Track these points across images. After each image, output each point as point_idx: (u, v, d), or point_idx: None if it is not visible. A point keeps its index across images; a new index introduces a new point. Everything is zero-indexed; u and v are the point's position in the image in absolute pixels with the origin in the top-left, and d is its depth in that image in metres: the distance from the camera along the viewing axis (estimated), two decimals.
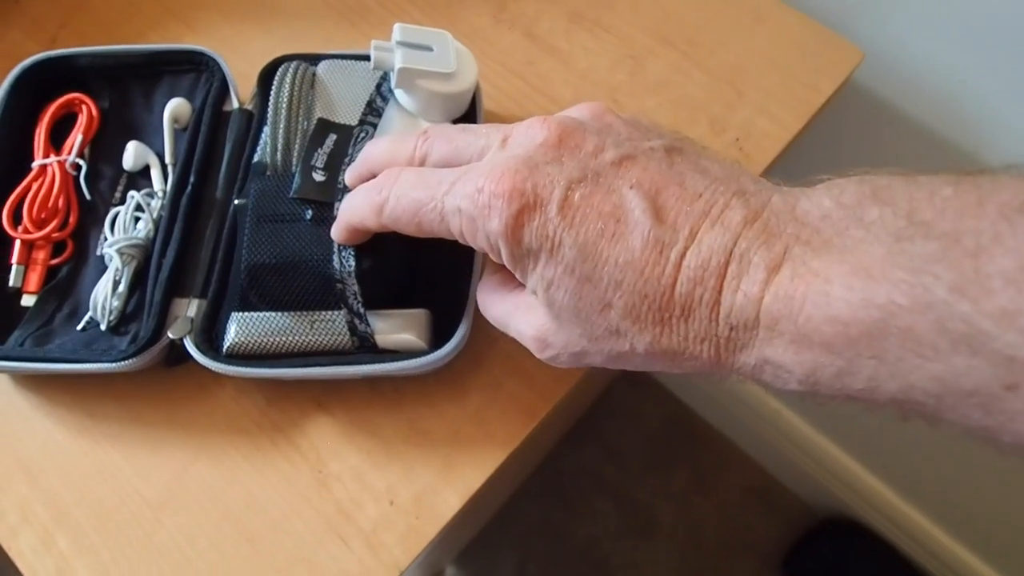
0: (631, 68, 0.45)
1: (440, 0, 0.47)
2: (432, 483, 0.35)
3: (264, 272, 0.32)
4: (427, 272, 0.36)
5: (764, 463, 1.12)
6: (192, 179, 0.37)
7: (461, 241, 0.26)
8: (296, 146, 0.36)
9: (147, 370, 0.35)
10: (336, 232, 0.31)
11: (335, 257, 0.32)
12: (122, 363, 0.33)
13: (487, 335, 0.37)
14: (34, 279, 0.38)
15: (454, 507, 0.34)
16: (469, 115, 0.39)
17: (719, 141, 0.43)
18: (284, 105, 0.37)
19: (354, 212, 0.29)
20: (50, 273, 0.38)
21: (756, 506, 1.11)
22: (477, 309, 0.34)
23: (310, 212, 0.33)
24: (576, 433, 1.12)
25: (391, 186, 0.27)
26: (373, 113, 0.37)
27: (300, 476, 0.35)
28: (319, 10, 0.47)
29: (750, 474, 1.12)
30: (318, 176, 0.33)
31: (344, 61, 0.40)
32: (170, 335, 0.33)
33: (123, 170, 0.40)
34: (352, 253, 0.32)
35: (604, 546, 1.08)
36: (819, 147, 0.55)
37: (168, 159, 0.40)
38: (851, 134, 0.55)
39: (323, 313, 0.33)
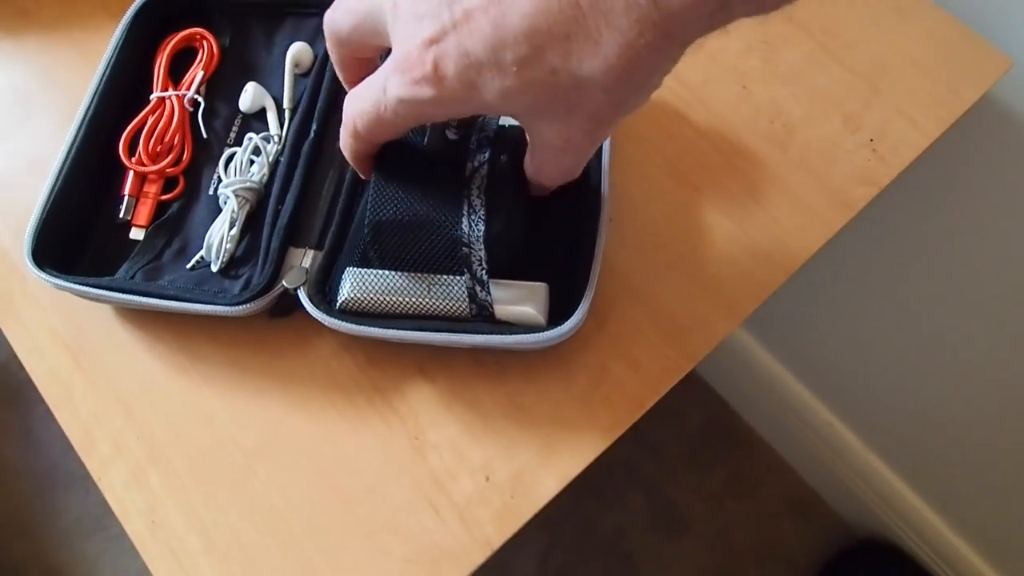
0: (764, 54, 0.42)
1: None
2: (530, 463, 0.34)
3: (388, 229, 0.31)
4: (544, 245, 0.35)
5: (806, 475, 1.09)
6: (314, 127, 0.36)
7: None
8: None
9: (250, 317, 0.34)
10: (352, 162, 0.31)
11: (464, 220, 0.31)
12: (236, 307, 0.32)
13: (596, 316, 0.36)
14: (144, 212, 0.37)
15: (552, 490, 0.33)
16: None
17: (852, 140, 0.40)
18: None
19: (343, 144, 0.30)
20: (159, 208, 0.38)
21: (792, 517, 1.09)
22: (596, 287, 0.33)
23: (440, 171, 0.32)
24: None
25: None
26: None
27: (396, 441, 0.34)
28: None
29: (790, 484, 1.10)
30: (451, 135, 0.32)
31: None
32: (285, 284, 0.33)
33: (239, 111, 0.39)
34: (483, 218, 0.30)
35: (631, 538, 1.08)
36: (950, 158, 0.53)
37: (287, 103, 0.39)
38: (983, 148, 0.52)
39: (443, 277, 0.32)
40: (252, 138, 0.37)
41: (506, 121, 0.34)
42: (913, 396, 0.80)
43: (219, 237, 0.34)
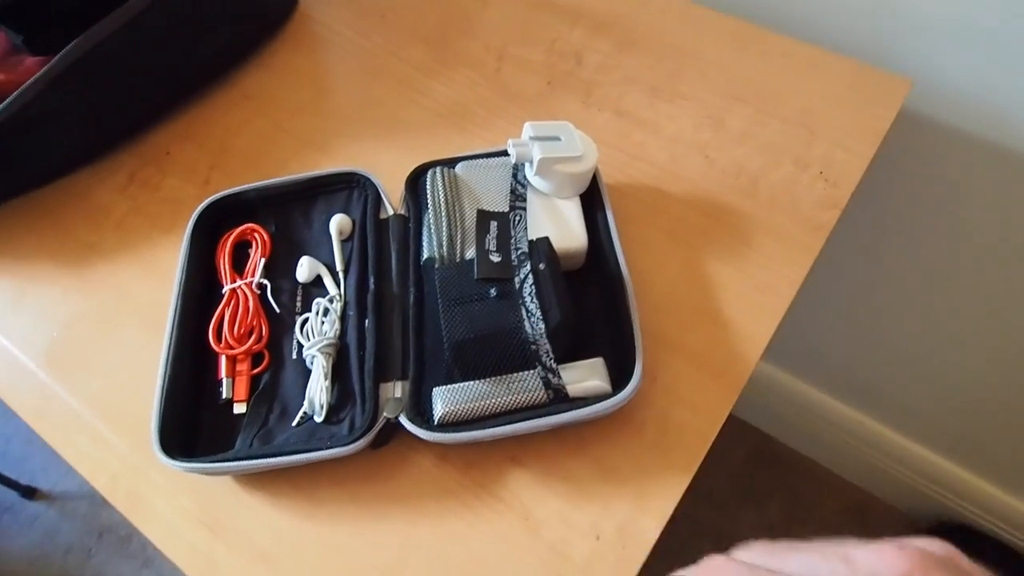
0: (713, 126, 0.51)
1: (532, 95, 0.54)
2: (630, 514, 0.38)
3: (466, 346, 0.37)
4: (589, 328, 0.41)
5: (856, 479, 1.13)
6: (372, 279, 0.43)
7: None
8: (458, 238, 0.42)
9: (357, 453, 0.40)
10: None
11: (526, 323, 0.37)
12: (351, 446, 0.37)
13: (647, 374, 0.42)
14: (242, 388, 0.43)
15: (654, 532, 0.38)
16: (592, 188, 0.45)
17: (806, 175, 0.48)
18: (442, 205, 0.43)
19: None
20: (253, 382, 0.43)
21: (857, 525, 1.11)
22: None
23: (494, 290, 0.38)
24: None
25: None
26: (519, 199, 0.43)
27: (510, 526, 0.39)
28: (432, 121, 0.53)
29: (845, 493, 1.13)
30: (494, 258, 0.39)
31: (475, 160, 0.46)
32: (386, 415, 0.38)
33: (298, 282, 0.46)
34: (541, 318, 0.37)
35: None
36: (890, 169, 0.61)
37: (339, 266, 0.45)
38: (915, 154, 0.61)
39: (519, 374, 0.37)
40: (319, 302, 0.44)
41: (532, 235, 0.41)
42: (923, 373, 0.86)
43: (318, 391, 0.40)
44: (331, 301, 0.44)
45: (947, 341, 0.79)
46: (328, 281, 0.45)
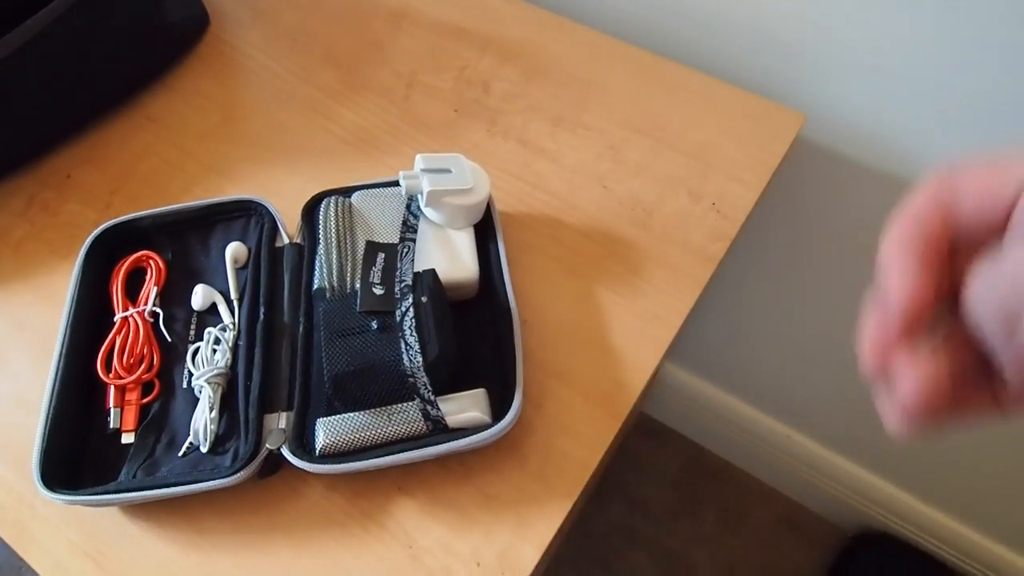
0: (613, 157, 0.52)
1: (439, 123, 0.55)
2: (510, 541, 0.39)
3: (345, 379, 0.37)
4: (474, 358, 0.42)
5: (788, 491, 1.15)
6: (263, 309, 0.43)
7: None
8: (348, 268, 0.42)
9: (243, 483, 0.40)
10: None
11: (404, 356, 0.37)
12: (232, 478, 0.38)
13: (532, 403, 0.43)
14: (130, 418, 0.42)
15: (533, 559, 0.39)
16: (487, 218, 0.46)
17: (699, 207, 0.50)
18: (333, 235, 0.43)
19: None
20: (142, 411, 0.43)
21: (788, 535, 1.14)
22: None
23: (375, 322, 0.39)
24: (599, 491, 1.15)
25: None
26: (409, 230, 0.44)
27: (394, 554, 0.39)
28: (337, 147, 0.54)
29: (776, 504, 1.16)
30: (377, 290, 0.39)
31: (372, 190, 0.46)
32: (268, 446, 0.38)
33: (193, 310, 0.46)
34: (419, 351, 0.37)
35: None
36: (782, 198, 0.63)
37: (233, 294, 0.46)
38: (808, 183, 0.63)
39: (399, 406, 0.38)
40: (211, 331, 0.44)
41: (421, 266, 0.42)
42: (842, 391, 0.89)
43: (203, 422, 0.40)
44: (223, 330, 0.44)
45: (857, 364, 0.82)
46: (223, 309, 0.45)
